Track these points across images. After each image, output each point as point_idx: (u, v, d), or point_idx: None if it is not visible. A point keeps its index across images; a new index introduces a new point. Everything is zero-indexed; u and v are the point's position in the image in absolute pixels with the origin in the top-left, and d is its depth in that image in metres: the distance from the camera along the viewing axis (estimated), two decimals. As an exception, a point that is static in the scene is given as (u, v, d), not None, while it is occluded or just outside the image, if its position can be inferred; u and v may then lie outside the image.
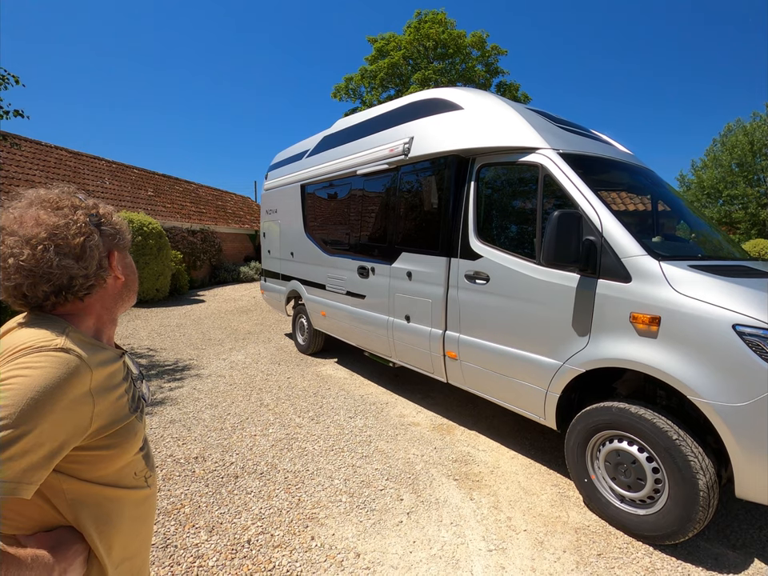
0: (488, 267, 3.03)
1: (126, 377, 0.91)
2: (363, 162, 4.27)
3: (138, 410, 0.91)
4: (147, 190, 14.10)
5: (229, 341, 6.58)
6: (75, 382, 0.72)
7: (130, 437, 0.85)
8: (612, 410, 2.34)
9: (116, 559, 0.84)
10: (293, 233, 5.83)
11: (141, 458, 0.91)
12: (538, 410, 2.79)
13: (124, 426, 0.83)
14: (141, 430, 0.90)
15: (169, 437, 3.36)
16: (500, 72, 20.87)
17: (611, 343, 2.35)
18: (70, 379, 0.71)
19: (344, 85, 21.61)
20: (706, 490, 2.02)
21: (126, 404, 0.86)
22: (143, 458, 0.93)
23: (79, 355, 0.75)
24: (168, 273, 10.22)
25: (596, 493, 2.47)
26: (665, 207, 3.61)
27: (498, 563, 2.12)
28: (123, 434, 0.83)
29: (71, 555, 0.75)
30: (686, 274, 2.18)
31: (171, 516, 2.41)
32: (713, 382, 1.98)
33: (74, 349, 0.75)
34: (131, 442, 0.86)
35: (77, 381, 0.72)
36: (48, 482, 0.72)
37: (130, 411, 0.87)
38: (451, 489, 2.74)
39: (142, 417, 0.94)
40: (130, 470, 0.88)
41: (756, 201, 17.93)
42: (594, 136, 3.65)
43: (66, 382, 0.71)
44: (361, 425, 3.65)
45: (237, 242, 16.56)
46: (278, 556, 2.13)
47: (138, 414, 0.90)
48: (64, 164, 11.89)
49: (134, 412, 0.88)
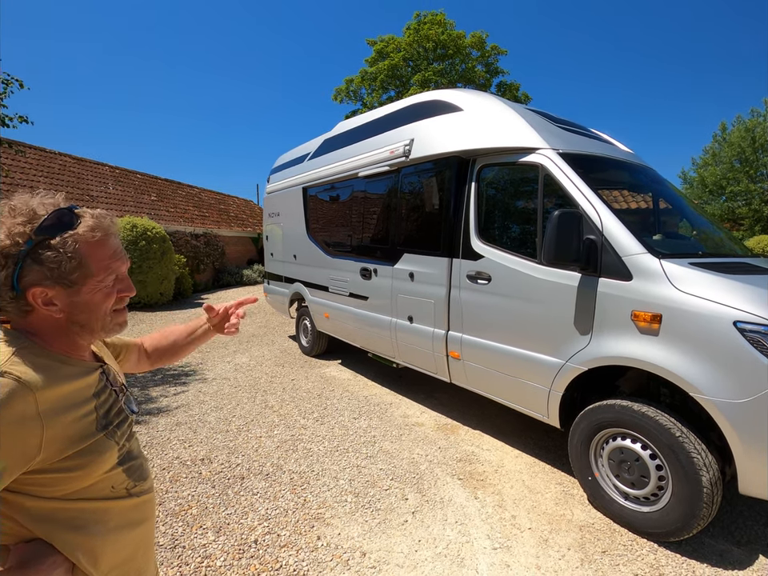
0: (489, 267, 3.05)
1: (99, 391, 0.85)
2: (364, 164, 4.30)
3: (110, 426, 0.84)
4: (150, 194, 14.20)
5: (233, 343, 6.62)
6: (9, 408, 0.66)
7: (96, 456, 0.79)
8: (615, 407, 2.35)
9: (106, 568, 0.82)
10: (295, 235, 5.86)
11: (120, 473, 0.86)
12: (541, 408, 2.80)
13: (88, 446, 0.77)
14: (112, 448, 0.83)
15: (175, 439, 3.39)
16: (500, 72, 20.88)
17: (613, 341, 2.36)
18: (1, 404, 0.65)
19: (344, 87, 21.68)
20: (709, 486, 2.03)
21: (93, 422, 0.80)
22: (124, 471, 0.87)
23: (17, 378, 0.69)
24: (172, 277, 10.28)
25: (600, 490, 2.48)
26: (665, 205, 3.62)
27: (502, 561, 2.13)
28: (88, 454, 0.77)
29: (46, 568, 0.71)
30: (687, 272, 2.19)
31: (179, 517, 2.43)
32: (715, 378, 1.99)
33: (12, 372, 0.69)
34: (99, 461, 0.80)
35: (11, 406, 0.66)
36: (7, 501, 0.70)
37: (98, 429, 0.80)
38: (456, 488, 2.75)
39: (117, 432, 0.86)
40: (104, 485, 0.82)
41: (759, 197, 17.84)
42: (594, 135, 3.66)
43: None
44: (365, 425, 3.67)
45: (240, 246, 16.64)
46: (284, 556, 2.15)
47: (108, 430, 0.83)
48: (68, 170, 11.99)
49: (102, 430, 0.81)
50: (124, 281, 0.87)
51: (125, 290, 0.87)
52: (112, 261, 0.83)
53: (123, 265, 0.86)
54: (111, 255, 0.83)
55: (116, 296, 0.85)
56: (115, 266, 0.84)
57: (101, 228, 0.81)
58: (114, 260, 0.83)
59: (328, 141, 5.29)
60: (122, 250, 0.87)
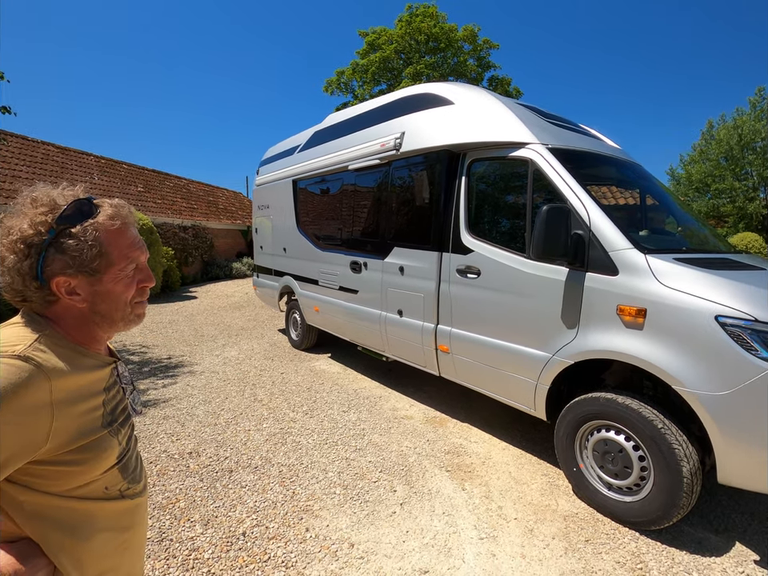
0: (479, 261, 3.07)
1: (110, 386, 0.85)
2: (355, 157, 4.28)
3: (114, 423, 0.84)
4: (137, 185, 13.93)
5: (222, 337, 6.57)
6: (24, 393, 0.66)
7: (98, 453, 0.78)
8: (600, 400, 2.39)
9: (89, 573, 0.80)
10: (285, 228, 5.82)
11: (115, 472, 0.84)
12: (528, 401, 2.84)
13: (93, 440, 0.77)
14: (114, 446, 0.83)
15: (162, 433, 3.36)
16: (492, 66, 20.84)
17: (599, 335, 2.40)
18: (17, 390, 0.65)
19: (335, 79, 21.45)
20: (689, 476, 2.08)
21: (100, 417, 0.80)
22: (119, 470, 0.85)
23: (38, 364, 0.70)
24: (159, 269, 10.15)
25: (584, 481, 2.53)
26: (652, 201, 3.66)
27: (488, 550, 2.17)
28: (92, 449, 0.77)
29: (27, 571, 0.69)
30: (671, 267, 2.23)
31: (166, 510, 2.42)
32: (696, 371, 2.03)
33: (35, 357, 0.70)
34: (100, 458, 0.79)
35: (27, 392, 0.67)
36: (2, 492, 0.69)
37: (103, 425, 0.80)
38: (444, 480, 2.78)
39: (121, 431, 0.86)
40: (99, 485, 0.81)
41: (743, 194, 18.15)
42: (583, 131, 3.69)
43: (13, 393, 0.65)
44: (354, 418, 3.68)
45: (229, 238, 16.45)
46: (273, 547, 2.16)
47: (112, 427, 0.83)
48: (51, 159, 11.70)
49: (107, 426, 0.81)
50: (144, 270, 0.88)
51: (145, 280, 0.88)
52: (131, 249, 0.84)
53: (143, 254, 0.87)
54: (130, 244, 0.84)
55: (136, 286, 0.86)
56: (135, 254, 0.84)
57: (119, 216, 0.83)
58: (134, 249, 0.84)
59: (318, 133, 5.25)
60: (140, 240, 0.88)
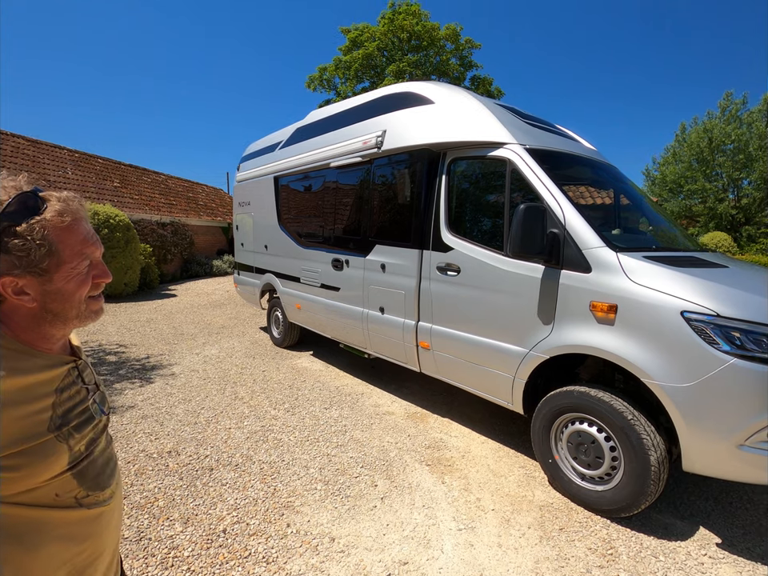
0: (459, 259, 3.12)
1: (65, 387, 0.80)
2: (337, 155, 4.28)
3: (65, 427, 0.78)
4: (113, 180, 13.56)
5: (202, 335, 6.48)
6: None
7: (41, 458, 0.72)
8: (574, 393, 2.48)
9: None
10: (266, 225, 5.77)
11: (68, 479, 0.78)
12: (506, 395, 2.91)
13: (34, 446, 0.71)
14: (62, 451, 0.76)
15: (141, 432, 3.32)
16: (474, 66, 21.04)
17: (573, 331, 2.48)
18: None
19: (318, 75, 21.29)
20: (657, 465, 2.18)
21: (46, 421, 0.74)
22: (75, 477, 0.79)
23: None
24: (137, 267, 9.92)
25: (559, 472, 2.61)
26: (625, 201, 3.78)
27: (467, 541, 2.22)
28: (31, 455, 0.71)
29: None
30: (641, 265, 2.32)
31: (145, 510, 2.40)
32: (663, 365, 2.13)
33: None
34: (40, 466, 0.72)
35: None
36: None
37: (49, 429, 0.74)
38: (424, 474, 2.83)
39: (74, 435, 0.80)
40: (46, 491, 0.74)
41: (714, 195, 18.81)
42: (560, 132, 3.78)
43: None
44: (336, 415, 3.70)
45: (209, 235, 16.18)
46: (253, 544, 2.17)
47: (61, 432, 0.76)
48: (21, 152, 11.28)
49: (54, 430, 0.75)
50: (98, 266, 0.83)
51: (100, 276, 0.83)
52: (84, 246, 0.79)
53: (97, 249, 0.82)
54: (83, 240, 0.78)
55: (91, 282, 0.81)
56: (89, 251, 0.80)
57: (69, 212, 0.76)
58: (87, 245, 0.79)
59: (300, 129, 5.22)
60: (94, 234, 0.82)
